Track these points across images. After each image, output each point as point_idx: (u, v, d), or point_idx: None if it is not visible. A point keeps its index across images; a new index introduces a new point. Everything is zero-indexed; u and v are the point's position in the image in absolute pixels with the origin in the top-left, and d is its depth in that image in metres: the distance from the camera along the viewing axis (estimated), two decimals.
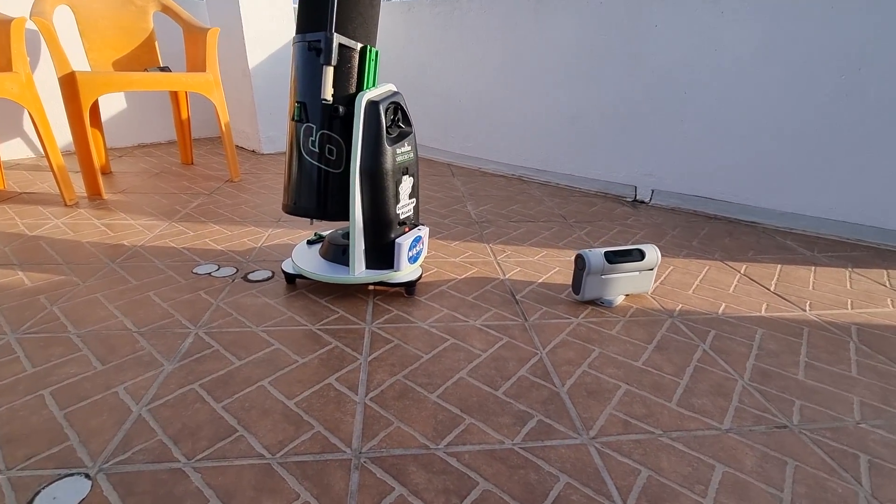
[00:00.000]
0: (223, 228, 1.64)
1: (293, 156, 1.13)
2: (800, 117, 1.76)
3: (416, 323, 1.10)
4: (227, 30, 2.60)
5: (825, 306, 1.25)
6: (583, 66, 2.21)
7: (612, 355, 1.00)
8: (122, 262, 1.35)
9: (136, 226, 1.63)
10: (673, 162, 2.08)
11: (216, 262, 1.38)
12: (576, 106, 2.28)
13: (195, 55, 2.17)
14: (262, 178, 2.32)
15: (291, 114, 1.13)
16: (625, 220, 1.91)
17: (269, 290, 1.23)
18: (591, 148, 2.30)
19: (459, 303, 1.20)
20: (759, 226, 1.87)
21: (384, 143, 1.08)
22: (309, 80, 1.08)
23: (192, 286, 1.23)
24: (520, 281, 1.33)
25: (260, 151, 2.78)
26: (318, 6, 1.05)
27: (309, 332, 1.05)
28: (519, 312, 1.17)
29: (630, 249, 1.21)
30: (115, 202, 1.87)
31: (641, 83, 2.07)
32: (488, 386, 0.89)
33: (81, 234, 1.54)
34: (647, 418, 0.83)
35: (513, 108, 2.48)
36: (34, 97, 1.66)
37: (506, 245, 1.59)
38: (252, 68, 2.60)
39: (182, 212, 1.79)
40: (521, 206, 2.03)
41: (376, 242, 1.15)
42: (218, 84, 2.08)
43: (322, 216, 1.16)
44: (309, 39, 1.06)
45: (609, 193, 2.26)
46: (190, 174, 2.32)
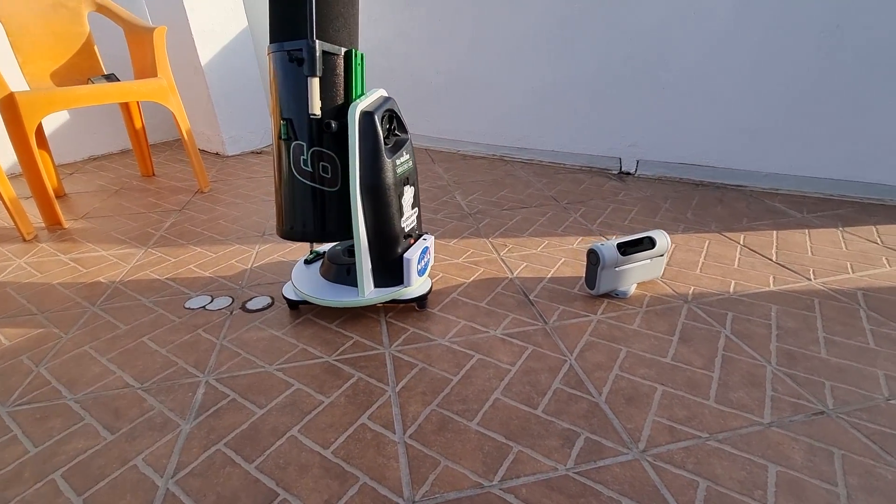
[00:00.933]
0: (206, 250, 1.53)
1: (284, 177, 1.05)
2: (781, 77, 1.76)
3: (435, 340, 1.06)
4: (170, 24, 2.38)
5: (828, 273, 1.27)
6: (557, 38, 2.13)
7: (640, 353, 0.99)
8: (104, 305, 1.24)
9: (108, 257, 1.51)
10: (656, 131, 2.06)
11: (207, 292, 1.29)
12: (553, 79, 2.21)
13: (142, 58, 1.98)
14: (233, 184, 2.18)
15: (276, 132, 1.03)
16: (615, 195, 1.90)
17: (273, 319, 1.16)
18: (572, 122, 2.25)
19: (474, 311, 1.16)
20: (745, 189, 1.89)
21: (383, 156, 1.00)
22: (293, 93, 0.98)
23: (188, 324, 1.15)
24: (529, 278, 1.30)
25: (224, 154, 2.62)
26: (294, 11, 0.95)
27: (327, 365, 0.99)
28: (537, 315, 1.14)
29: (640, 238, 1.19)
30: (78, 231, 1.72)
31: (619, 52, 2.02)
32: (526, 405, 0.87)
33: (50, 274, 1.41)
34: (691, 421, 0.82)
35: (488, 86, 2.40)
36: None
37: (505, 237, 1.55)
38: (204, 64, 2.40)
39: (156, 235, 1.66)
40: (510, 191, 1.98)
41: (383, 260, 1.09)
42: (173, 89, 1.91)
43: (322, 238, 1.08)
44: (288, 49, 0.96)
45: (594, 167, 2.24)
46: (154, 188, 2.16)
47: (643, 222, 1.64)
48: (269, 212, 1.83)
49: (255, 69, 2.66)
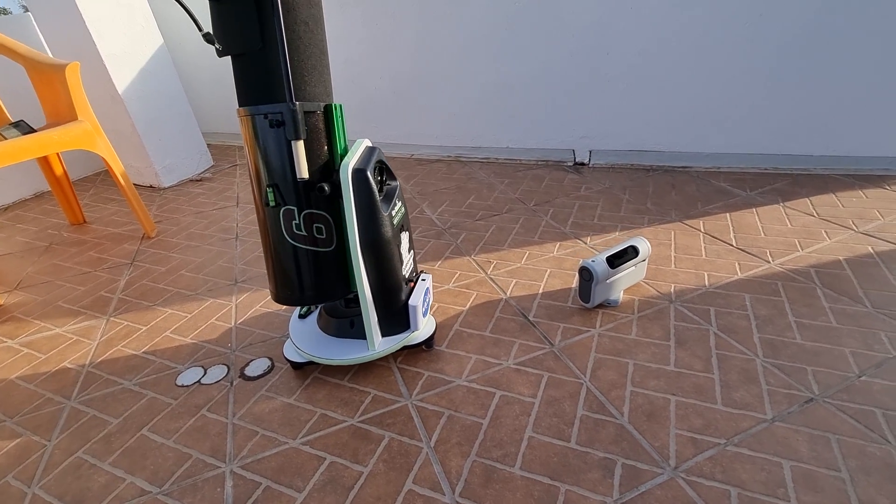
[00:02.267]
0: (177, 310, 1.43)
1: (276, 243, 0.99)
2: (714, 63, 1.88)
3: (453, 381, 1.07)
4: (76, 51, 2.12)
5: (781, 252, 1.41)
6: (502, 36, 2.13)
7: (645, 364, 1.07)
8: (82, 397, 1.13)
9: (65, 335, 1.37)
10: (604, 121, 2.14)
11: (197, 362, 1.21)
12: (502, 77, 2.22)
13: (52, 98, 1.76)
14: (181, 223, 2.03)
15: (261, 199, 0.97)
16: (577, 190, 1.97)
17: (280, 384, 1.11)
18: (524, 118, 2.28)
19: (481, 342, 1.18)
20: (692, 170, 2.03)
21: (380, 211, 0.98)
22: (276, 158, 0.93)
23: (188, 405, 1.08)
24: (523, 297, 1.34)
25: (160, 186, 2.41)
26: (266, 72, 0.88)
27: (353, 429, 0.98)
28: (541, 337, 1.18)
29: (625, 248, 1.26)
30: (15, 306, 1.54)
31: (564, 48, 2.06)
32: (559, 439, 0.91)
33: (5, 368, 1.26)
34: (708, 429, 0.91)
35: (437, 87, 2.37)
36: None
37: (488, 253, 1.57)
38: (122, 92, 2.17)
39: (113, 298, 1.52)
40: (476, 197, 2.00)
41: (388, 310, 1.08)
42: (99, 130, 1.72)
43: (322, 300, 1.05)
44: (266, 112, 0.90)
45: (550, 160, 2.30)
46: (91, 238, 1.96)
47: (610, 218, 1.72)
48: (232, 253, 1.73)
49: (178, 89, 2.44)
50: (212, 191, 2.35)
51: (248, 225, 1.93)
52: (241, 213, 2.06)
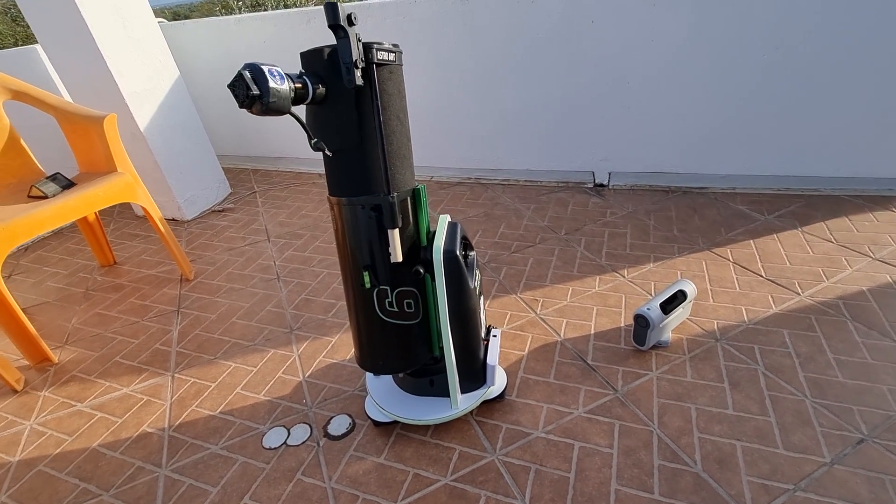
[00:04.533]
0: (240, 364, 1.47)
1: (368, 319, 1.04)
2: (729, 89, 1.96)
3: (532, 433, 1.15)
4: (97, 90, 2.08)
5: (809, 283, 1.52)
6: (523, 65, 2.18)
7: (706, 409, 1.16)
8: (174, 465, 1.18)
9: (134, 395, 1.40)
10: (624, 145, 2.22)
11: (277, 422, 1.26)
12: (522, 103, 2.27)
13: (87, 148, 1.74)
14: (216, 262, 2.04)
15: (352, 279, 1.02)
16: (603, 216, 2.05)
17: (367, 443, 1.18)
18: (544, 141, 2.34)
19: (547, 390, 1.26)
20: (708, 191, 2.13)
21: (467, 286, 1.04)
22: (372, 243, 0.98)
23: (281, 470, 1.13)
24: (577, 339, 1.42)
25: (183, 219, 2.40)
26: (363, 166, 0.93)
27: (447, 488, 1.05)
28: (603, 382, 1.27)
29: (675, 293, 1.34)
30: (73, 363, 1.55)
31: (585, 76, 2.12)
32: (644, 490, 1.00)
33: (81, 435, 1.29)
34: (775, 475, 1.00)
35: (457, 113, 2.40)
36: None
37: (532, 290, 1.64)
38: (144, 129, 2.15)
39: (171, 351, 1.55)
40: (506, 226, 2.06)
41: (469, 370, 1.14)
42: (138, 180, 1.72)
43: (409, 367, 1.11)
44: (363, 204, 0.94)
45: (570, 182, 2.37)
46: (127, 282, 1.96)
47: (641, 248, 1.80)
48: (278, 296, 1.77)
49: (196, 121, 2.42)
50: (237, 223, 2.35)
51: (286, 263, 1.96)
52: (275, 249, 2.08)
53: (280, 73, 0.78)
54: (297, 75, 0.83)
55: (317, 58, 0.86)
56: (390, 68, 0.92)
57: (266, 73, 0.75)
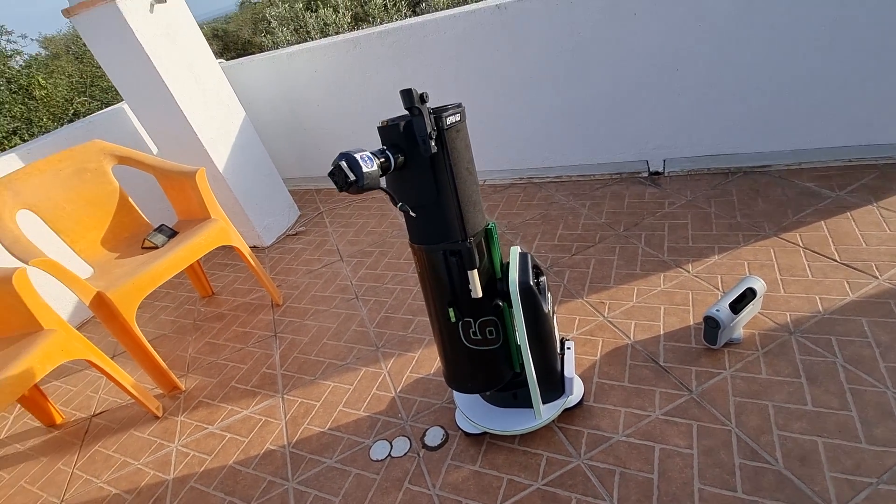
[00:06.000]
0: (338, 382, 1.65)
1: (454, 347, 1.17)
2: (788, 61, 1.89)
3: (612, 437, 1.24)
4: (177, 140, 2.33)
5: (887, 265, 1.48)
6: (567, 64, 2.19)
7: (784, 406, 1.20)
8: (299, 478, 1.37)
9: (253, 416, 1.62)
10: (678, 130, 2.19)
11: (379, 436, 1.43)
12: (569, 100, 2.29)
13: (183, 199, 1.98)
14: (299, 285, 2.25)
15: (439, 314, 1.14)
16: (661, 207, 2.05)
17: (462, 452, 1.32)
18: (594, 135, 2.36)
19: (623, 394, 1.34)
20: (771, 169, 2.07)
21: (542, 313, 1.13)
22: (454, 282, 1.09)
23: (391, 480, 1.30)
24: (647, 340, 1.48)
25: (263, 245, 2.64)
26: (441, 217, 1.04)
27: (540, 492, 1.17)
28: (677, 384, 1.33)
29: (744, 292, 1.37)
30: (198, 389, 1.80)
31: (631, 67, 2.10)
32: (727, 489, 1.07)
33: (218, 454, 1.52)
34: (859, 469, 1.04)
35: (503, 117, 2.46)
36: (86, 346, 1.52)
37: (598, 293, 1.71)
38: (222, 170, 2.38)
39: (277, 374, 1.76)
40: (564, 227, 2.12)
41: (548, 383, 1.25)
42: (230, 224, 1.93)
43: (492, 388, 1.23)
44: (443, 250, 1.06)
45: (623, 173, 2.37)
46: (227, 311, 2.21)
47: (704, 238, 1.81)
48: (360, 315, 1.94)
49: (263, 154, 2.63)
50: (311, 245, 2.55)
51: (362, 282, 2.13)
52: (349, 268, 2.25)
53: (369, 157, 0.90)
54: (381, 151, 0.94)
55: (394, 132, 0.97)
56: (457, 127, 1.02)
57: (359, 160, 0.87)
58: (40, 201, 1.83)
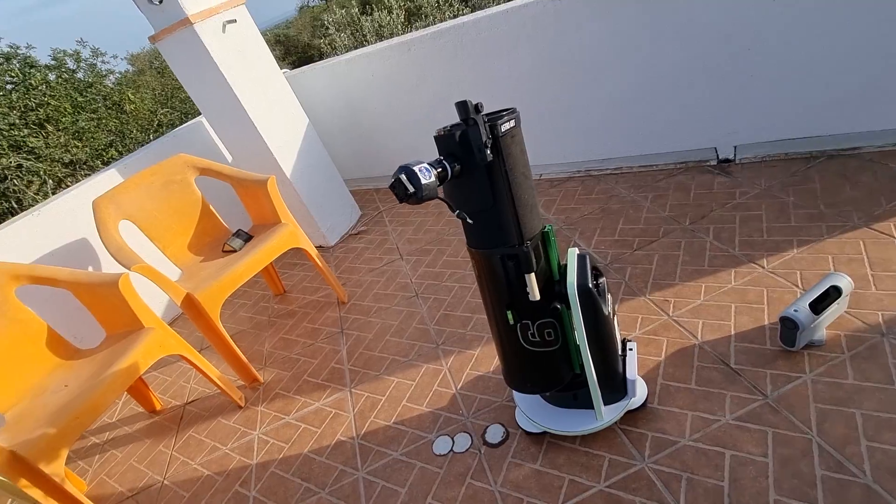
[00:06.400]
0: (401, 378, 1.72)
1: (514, 349, 1.19)
2: (882, 30, 1.71)
3: (678, 441, 1.21)
4: (250, 150, 2.50)
5: None
6: (626, 50, 2.11)
7: (874, 414, 1.11)
8: (367, 469, 1.46)
9: (325, 409, 1.73)
10: (751, 114, 2.05)
11: (441, 431, 1.48)
12: (629, 88, 2.20)
13: (257, 205, 2.13)
14: (362, 283, 2.35)
15: (497, 316, 1.16)
16: (732, 198, 1.93)
17: (522, 451, 1.34)
18: (657, 123, 2.25)
19: (690, 397, 1.30)
20: (861, 152, 1.88)
21: (602, 315, 1.12)
22: (511, 285, 1.11)
23: (453, 475, 1.35)
24: (716, 341, 1.42)
25: (328, 245, 2.78)
26: (498, 223, 1.05)
27: (603, 494, 1.17)
28: (751, 387, 1.27)
29: (827, 290, 1.27)
30: (275, 382, 1.95)
31: (698, 52, 1.99)
32: (806, 502, 1.02)
33: (294, 442, 1.64)
34: None
35: (560, 109, 2.41)
36: (179, 342, 1.70)
37: (662, 291, 1.65)
38: (290, 175, 2.53)
39: (344, 369, 1.87)
40: (625, 221, 2.05)
41: (610, 385, 1.23)
42: (298, 227, 2.06)
43: (551, 388, 1.24)
44: (501, 254, 1.07)
45: (689, 162, 2.25)
46: (297, 309, 2.36)
47: (780, 231, 1.69)
48: (420, 312, 2.00)
49: (326, 157, 2.76)
50: (372, 244, 2.66)
51: (421, 280, 2.19)
52: (408, 266, 2.33)
53: (427, 168, 0.93)
54: (438, 161, 0.98)
55: (450, 141, 1.00)
56: (512, 133, 1.03)
57: (417, 173, 0.91)
58: (137, 212, 2.05)
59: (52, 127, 9.77)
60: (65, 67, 10.92)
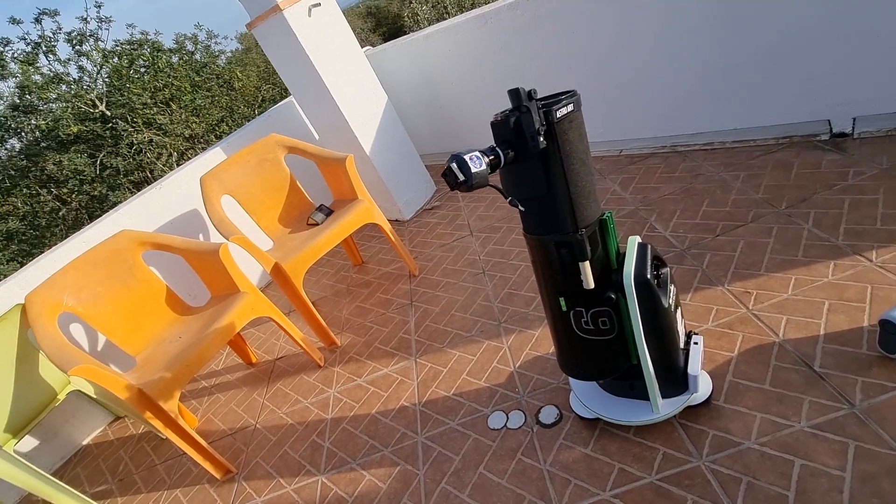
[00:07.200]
0: (463, 352, 1.79)
1: (567, 335, 1.19)
2: None
3: (742, 444, 1.15)
4: (333, 127, 2.65)
5: None
6: (725, 11, 1.89)
7: None
8: (426, 434, 1.56)
9: (392, 375, 1.86)
10: (876, 82, 1.76)
11: (497, 406, 1.53)
12: (725, 54, 1.99)
13: (337, 182, 2.28)
14: (433, 257, 2.43)
15: (551, 302, 1.17)
16: (843, 178, 1.70)
17: (574, 434, 1.35)
18: (757, 92, 2.02)
19: (762, 398, 1.21)
20: None
21: (660, 305, 1.08)
22: (565, 273, 1.10)
23: (505, 449, 1.40)
24: (800, 340, 1.30)
25: (403, 219, 2.90)
26: (553, 210, 1.04)
27: (653, 487, 1.15)
28: (835, 394, 1.15)
29: None
30: (350, 346, 2.12)
31: (806, 11, 1.73)
32: None
33: (364, 403, 1.79)
34: None
35: (644, 81, 2.25)
36: (269, 305, 1.90)
37: (743, 281, 1.53)
38: (369, 152, 2.65)
39: (412, 339, 1.98)
40: (710, 202, 1.90)
41: (669, 380, 1.19)
42: (374, 204, 2.18)
43: (606, 376, 1.23)
44: (555, 241, 1.07)
45: (794, 136, 2.00)
46: (373, 279, 2.52)
47: None
48: (485, 290, 2.03)
49: (404, 134, 2.84)
50: (445, 219, 2.72)
51: (489, 257, 2.22)
52: (477, 243, 2.36)
53: (478, 156, 0.95)
54: (491, 149, 0.99)
55: (505, 127, 1.00)
56: (570, 118, 1.00)
57: (467, 161, 0.93)
58: (236, 188, 2.29)
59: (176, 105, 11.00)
60: (185, 50, 12.14)
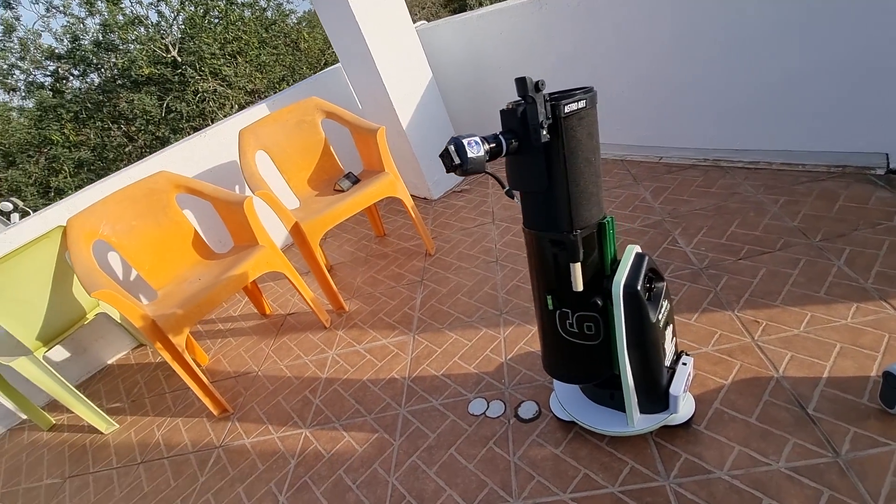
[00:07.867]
0: (460, 336, 1.81)
1: (552, 335, 1.19)
2: None
3: (713, 473, 1.12)
4: (374, 98, 2.68)
5: None
6: (790, 27, 1.77)
7: None
8: (409, 408, 1.60)
9: (389, 346, 1.90)
10: None
11: (480, 393, 1.55)
12: (789, 71, 1.86)
13: (368, 153, 2.31)
14: (451, 239, 2.44)
15: (539, 299, 1.16)
16: (889, 218, 1.58)
17: (548, 433, 1.35)
18: (812, 116, 1.89)
19: (745, 431, 1.17)
20: None
21: (647, 319, 1.06)
22: (556, 271, 1.09)
23: (479, 436, 1.42)
24: (800, 379, 1.24)
25: (431, 198, 2.91)
26: (551, 207, 1.03)
27: (613, 498, 1.15)
28: (822, 440, 1.10)
29: None
30: (356, 313, 2.18)
31: (878, 31, 1.59)
32: None
33: (358, 369, 1.85)
34: None
35: (695, 88, 2.14)
36: (284, 262, 1.98)
37: (755, 310, 1.46)
38: (406, 127, 2.66)
39: (414, 316, 2.02)
40: (741, 223, 1.81)
41: (649, 396, 1.17)
42: (398, 178, 2.20)
43: (588, 381, 1.22)
44: (549, 238, 1.06)
45: (847, 167, 1.87)
46: (391, 252, 2.56)
47: None
48: (495, 279, 2.04)
49: (444, 114, 2.84)
50: (470, 203, 2.72)
51: (505, 247, 2.21)
52: (497, 231, 2.35)
53: (477, 142, 0.95)
54: (493, 136, 0.98)
55: (512, 116, 0.99)
56: (580, 115, 0.98)
57: (465, 146, 0.94)
58: (272, 145, 2.37)
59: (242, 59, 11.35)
60: (257, 6, 12.43)
